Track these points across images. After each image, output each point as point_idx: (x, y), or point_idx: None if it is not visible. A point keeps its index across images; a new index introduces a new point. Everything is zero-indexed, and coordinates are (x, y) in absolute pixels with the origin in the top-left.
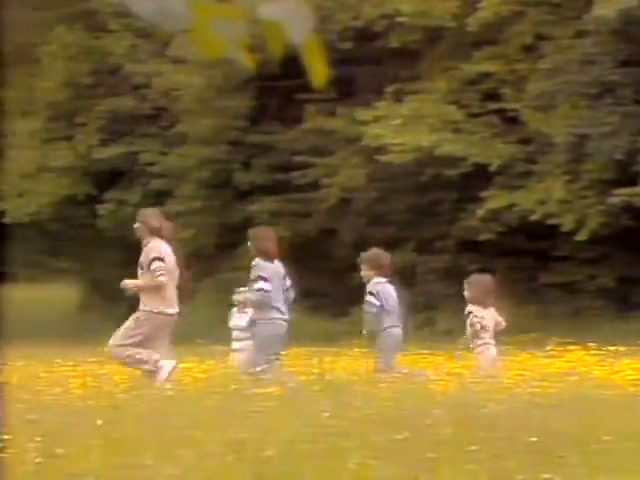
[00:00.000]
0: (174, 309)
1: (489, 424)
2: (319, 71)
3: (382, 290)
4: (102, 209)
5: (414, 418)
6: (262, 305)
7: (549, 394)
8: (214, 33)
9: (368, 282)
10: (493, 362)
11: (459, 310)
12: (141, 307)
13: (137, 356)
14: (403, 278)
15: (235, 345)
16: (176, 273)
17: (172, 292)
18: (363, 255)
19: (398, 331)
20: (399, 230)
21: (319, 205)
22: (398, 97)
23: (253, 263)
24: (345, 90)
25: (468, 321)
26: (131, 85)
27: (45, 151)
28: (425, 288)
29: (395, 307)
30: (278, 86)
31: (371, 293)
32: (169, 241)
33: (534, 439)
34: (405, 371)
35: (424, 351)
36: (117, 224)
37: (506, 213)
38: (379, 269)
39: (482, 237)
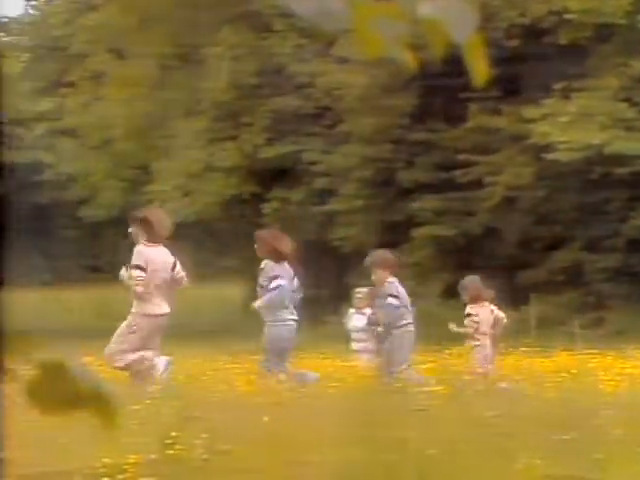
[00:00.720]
0: (163, 310)
1: None
2: (480, 70)
3: (400, 289)
4: (267, 208)
5: (582, 418)
6: (279, 303)
7: None
8: (375, 32)
9: (380, 284)
10: (487, 362)
11: (630, 310)
12: (132, 310)
13: (136, 359)
14: (570, 277)
15: (355, 346)
16: (168, 275)
17: (161, 294)
18: (372, 257)
19: (413, 328)
20: (566, 229)
21: (483, 203)
22: (566, 94)
23: (262, 265)
24: (511, 88)
25: (465, 322)
26: (295, 84)
27: (211, 151)
28: (594, 287)
29: (409, 305)
30: (442, 85)
31: (392, 295)
32: (163, 243)
33: None
34: (415, 376)
35: (593, 351)
36: (281, 222)
37: None
38: (391, 269)
39: None
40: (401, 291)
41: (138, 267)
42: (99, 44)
